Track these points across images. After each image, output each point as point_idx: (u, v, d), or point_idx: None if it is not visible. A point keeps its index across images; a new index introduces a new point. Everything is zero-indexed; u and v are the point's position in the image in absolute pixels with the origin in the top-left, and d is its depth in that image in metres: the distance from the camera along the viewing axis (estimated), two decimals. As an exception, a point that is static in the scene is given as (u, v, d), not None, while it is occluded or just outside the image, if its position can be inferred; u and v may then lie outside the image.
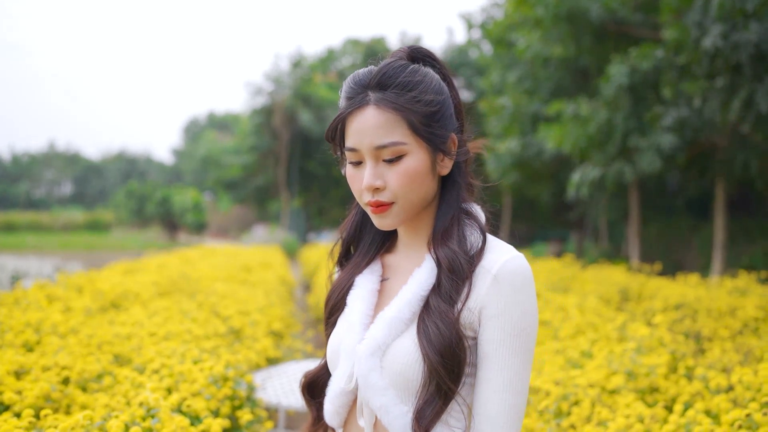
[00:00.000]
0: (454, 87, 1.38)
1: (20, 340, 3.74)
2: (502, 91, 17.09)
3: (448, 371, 1.19)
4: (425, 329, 1.21)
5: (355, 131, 1.27)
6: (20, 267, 12.78)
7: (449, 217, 1.31)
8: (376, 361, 1.25)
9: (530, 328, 1.22)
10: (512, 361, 1.20)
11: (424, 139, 1.26)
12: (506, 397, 1.18)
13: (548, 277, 8.59)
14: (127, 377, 3.11)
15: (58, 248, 27.38)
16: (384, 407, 1.23)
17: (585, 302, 5.62)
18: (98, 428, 2.19)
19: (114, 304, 5.62)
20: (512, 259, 1.25)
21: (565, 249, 20.01)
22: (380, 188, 1.26)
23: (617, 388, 3.36)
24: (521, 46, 13.64)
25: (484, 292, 1.22)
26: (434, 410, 1.20)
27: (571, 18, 12.12)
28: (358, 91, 1.28)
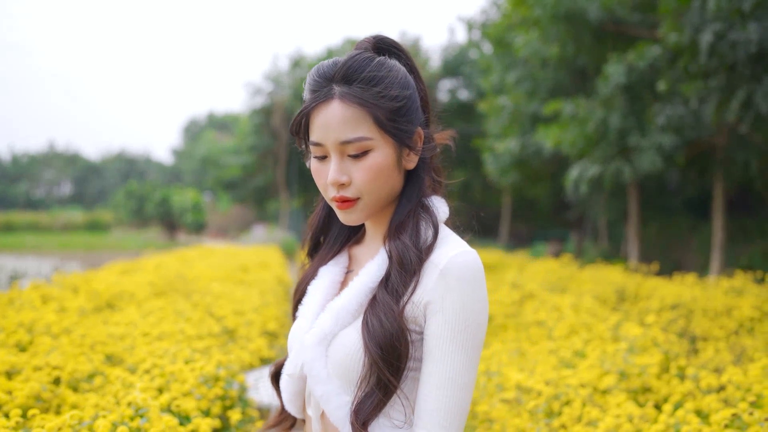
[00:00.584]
0: (421, 79, 1.37)
1: (13, 340, 3.74)
2: (501, 91, 17.10)
3: (388, 364, 1.18)
4: (368, 321, 1.21)
5: (320, 126, 1.25)
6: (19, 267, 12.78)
7: (406, 210, 1.30)
8: (321, 350, 1.25)
9: (476, 324, 1.20)
10: (455, 357, 1.17)
11: (390, 135, 1.25)
12: (447, 393, 1.16)
13: (545, 277, 8.60)
14: (118, 377, 3.12)
15: (57, 248, 27.38)
16: (326, 396, 1.24)
17: (580, 302, 5.63)
18: (85, 428, 2.19)
19: (109, 304, 5.62)
20: (461, 254, 1.22)
21: (565, 249, 20.00)
22: (345, 184, 1.25)
23: (609, 388, 3.36)
24: (519, 44, 13.64)
25: (430, 286, 1.20)
26: (373, 403, 1.20)
27: (569, 18, 12.12)
28: (322, 85, 1.26)
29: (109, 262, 10.51)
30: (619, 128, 10.65)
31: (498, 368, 3.87)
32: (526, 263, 11.75)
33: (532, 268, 10.16)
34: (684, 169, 13.20)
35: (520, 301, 6.22)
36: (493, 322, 5.43)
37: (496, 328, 5.35)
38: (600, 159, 11.11)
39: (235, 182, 33.24)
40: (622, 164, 10.80)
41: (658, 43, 10.28)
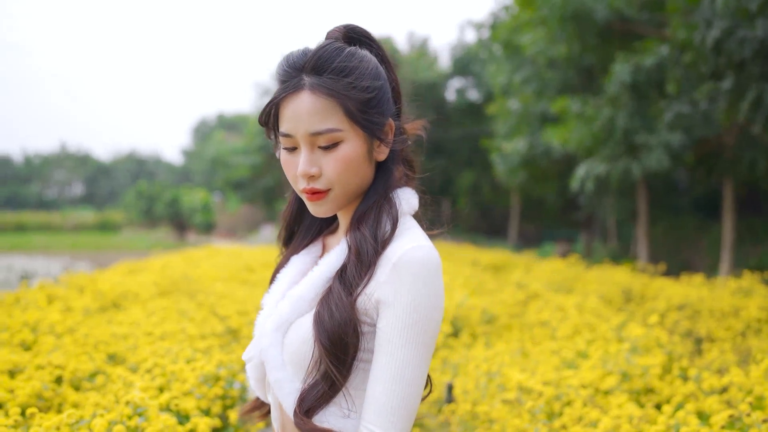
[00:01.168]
0: (393, 69, 1.36)
1: (17, 339, 3.77)
2: (510, 92, 17.08)
3: (335, 356, 1.18)
4: (320, 312, 1.21)
5: (290, 117, 1.23)
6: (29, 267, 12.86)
7: (371, 202, 1.28)
8: (278, 337, 1.25)
9: (427, 320, 1.17)
10: (404, 352, 1.15)
11: (361, 126, 1.24)
12: (394, 387, 1.14)
13: (551, 277, 8.57)
14: (120, 376, 3.13)
15: (67, 248, 27.53)
16: (279, 382, 1.24)
17: (585, 303, 5.61)
18: (83, 427, 2.20)
19: (114, 304, 5.65)
20: (415, 248, 1.19)
21: (574, 249, 19.93)
22: (315, 175, 1.24)
23: (611, 389, 3.35)
24: (526, 43, 13.61)
25: (383, 279, 1.18)
26: (319, 393, 1.19)
27: (576, 18, 12.09)
28: (292, 75, 1.24)
29: (117, 262, 10.56)
30: (626, 127, 10.61)
31: (500, 368, 3.86)
32: (533, 263, 11.71)
33: (538, 269, 10.13)
34: (693, 169, 13.13)
35: (525, 302, 6.21)
36: (497, 322, 5.42)
37: (500, 328, 5.34)
38: (607, 157, 11.07)
39: (244, 182, 33.31)
40: (630, 162, 10.76)
41: (665, 42, 10.23)
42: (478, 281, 7.61)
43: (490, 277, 8.66)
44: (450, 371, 4.39)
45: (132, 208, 39.09)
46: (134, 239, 35.61)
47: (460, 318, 5.51)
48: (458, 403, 3.43)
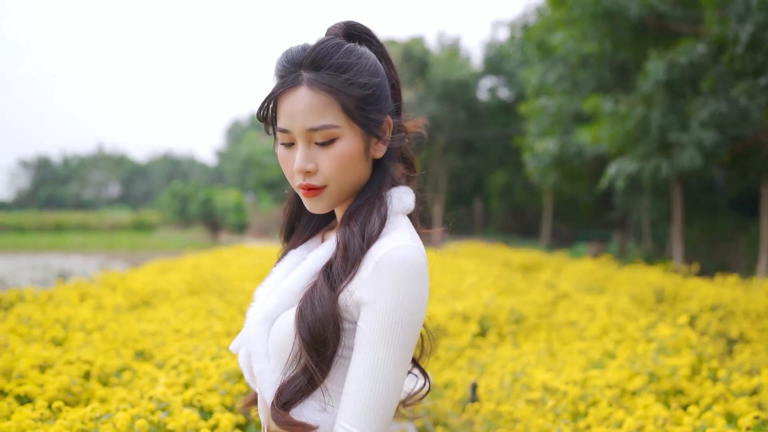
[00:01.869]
0: (393, 66, 1.35)
1: (49, 335, 3.85)
2: (542, 92, 16.94)
3: (314, 349, 1.18)
4: (302, 306, 1.20)
5: (287, 112, 1.23)
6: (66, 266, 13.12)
7: (364, 199, 1.28)
8: (264, 329, 1.26)
9: (406, 320, 1.16)
10: (382, 352, 1.14)
11: (358, 123, 1.24)
12: (369, 386, 1.14)
13: (582, 277, 8.48)
14: (146, 373, 3.18)
15: (103, 248, 28.05)
16: (262, 374, 1.24)
17: (615, 303, 5.53)
18: (106, 421, 2.24)
19: (145, 302, 5.74)
20: (398, 248, 1.18)
21: (607, 250, 19.67)
22: (312, 171, 1.24)
23: (638, 390, 3.30)
24: (557, 42, 13.49)
25: (365, 277, 1.18)
26: (297, 387, 1.19)
27: (608, 16, 11.94)
28: (290, 70, 1.24)
29: (150, 261, 10.73)
30: (660, 125, 10.44)
31: (526, 368, 3.83)
32: (565, 264, 11.59)
33: (569, 269, 10.02)
34: (728, 167, 12.87)
35: (554, 302, 6.15)
36: (525, 322, 5.38)
37: (528, 328, 5.30)
38: (639, 156, 10.91)
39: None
40: (661, 161, 10.58)
41: (700, 39, 10.05)
42: (508, 281, 7.56)
43: (519, 277, 8.60)
44: (476, 371, 4.37)
45: (166, 209, 39.62)
46: (168, 239, 36.12)
47: (487, 318, 5.48)
48: (482, 403, 3.41)
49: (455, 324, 5.42)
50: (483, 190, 33.26)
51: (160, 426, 2.34)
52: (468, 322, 5.47)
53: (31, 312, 4.31)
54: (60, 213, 53.01)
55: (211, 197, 37.04)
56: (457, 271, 9.03)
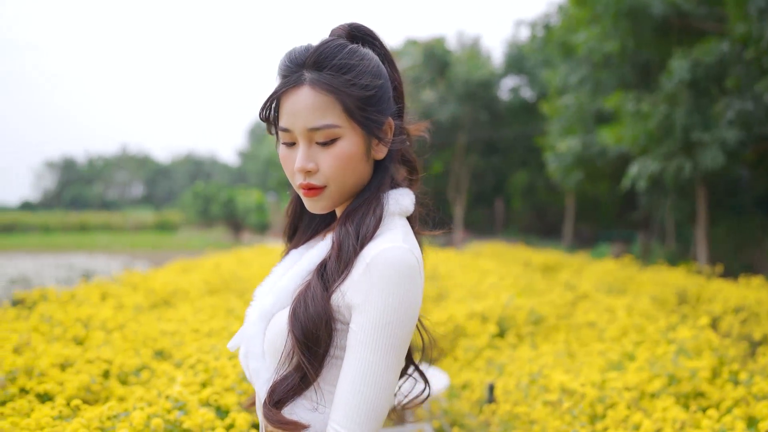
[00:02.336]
0: (396, 69, 1.35)
1: (70, 334, 3.90)
2: (564, 91, 16.82)
3: (307, 349, 1.17)
4: (296, 304, 1.20)
5: (289, 111, 1.24)
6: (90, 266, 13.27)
7: (362, 199, 1.28)
8: (261, 328, 1.26)
9: (397, 322, 1.15)
10: (372, 354, 1.14)
11: (359, 124, 1.24)
12: (359, 388, 1.14)
13: (603, 278, 8.40)
14: (165, 372, 3.21)
15: (127, 248, 28.36)
16: (257, 372, 1.25)
17: (635, 304, 5.47)
18: (122, 419, 2.26)
19: (165, 302, 5.79)
20: (389, 250, 1.17)
21: (630, 250, 19.47)
22: (312, 171, 1.24)
23: (657, 392, 3.26)
24: (579, 41, 13.39)
25: (356, 279, 1.18)
26: (290, 385, 1.19)
27: (631, 14, 11.83)
28: (293, 70, 1.24)
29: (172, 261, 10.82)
30: (684, 124, 10.31)
31: (543, 369, 3.81)
32: (586, 264, 11.49)
33: (591, 270, 9.94)
34: (754, 166, 12.66)
35: (573, 303, 6.10)
36: (544, 323, 5.34)
37: (547, 329, 5.26)
38: (661, 156, 10.78)
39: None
40: (684, 161, 10.45)
41: (725, 37, 9.91)
42: (528, 281, 7.52)
43: (539, 278, 8.54)
44: (494, 371, 4.35)
45: (189, 209, 39.94)
46: (191, 239, 36.42)
47: (506, 318, 5.45)
48: (499, 404, 3.40)
49: (474, 324, 5.40)
50: (505, 190, 33.11)
51: (176, 425, 2.36)
52: (487, 322, 5.45)
53: (54, 311, 4.37)
54: (85, 213, 53.69)
55: (233, 197, 37.28)
56: (477, 271, 8.99)
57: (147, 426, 2.22)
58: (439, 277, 8.32)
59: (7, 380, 2.96)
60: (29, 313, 4.57)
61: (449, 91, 28.30)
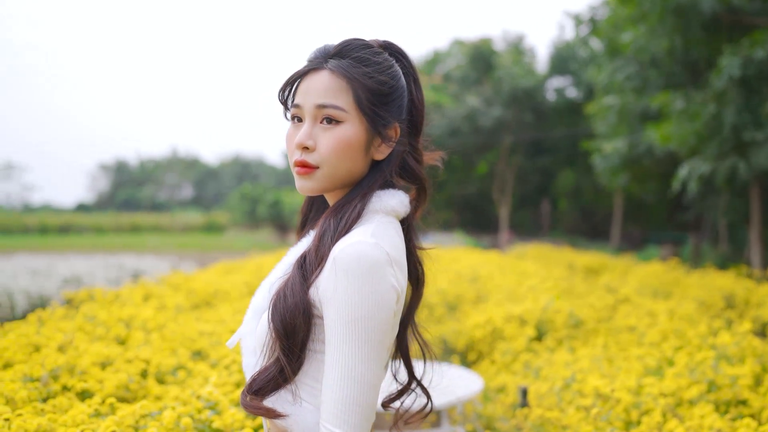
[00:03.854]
0: (420, 88, 1.37)
1: (112, 334, 4.01)
2: (610, 90, 16.54)
3: (285, 338, 1.19)
4: (276, 296, 1.22)
5: (304, 90, 1.29)
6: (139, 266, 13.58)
7: (353, 196, 1.29)
8: (253, 325, 1.29)
9: (366, 317, 1.15)
10: (346, 349, 1.15)
11: (365, 115, 1.27)
12: (341, 384, 1.15)
13: (648, 281, 8.22)
14: (201, 372, 3.27)
15: (175, 248, 28.94)
16: (249, 367, 1.27)
17: (677, 308, 5.35)
18: (154, 418, 2.32)
19: (206, 302, 5.90)
20: (353, 245, 1.17)
21: (680, 253, 19.00)
22: (310, 148, 1.26)
23: (696, 399, 3.18)
24: (625, 41, 13.14)
25: (325, 274, 1.19)
26: (269, 376, 1.20)
27: (679, 11, 11.56)
28: (318, 59, 1.30)
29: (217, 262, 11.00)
30: (734, 123, 10.02)
31: (579, 374, 3.76)
32: (631, 267, 11.27)
33: (636, 272, 9.74)
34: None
35: (614, 306, 5.99)
36: (583, 326, 5.26)
37: (586, 332, 5.18)
38: (712, 156, 10.50)
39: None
40: (737, 161, 10.16)
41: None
42: (568, 284, 7.41)
43: (581, 281, 8.41)
44: (531, 375, 4.32)
45: (236, 210, 40.52)
46: (237, 240, 36.94)
47: (545, 322, 5.40)
48: (531, 408, 3.37)
49: (512, 327, 5.36)
50: (551, 191, 32.72)
51: (206, 424, 2.41)
52: (525, 325, 5.40)
53: (98, 311, 4.49)
54: (136, 214, 55.00)
55: (279, 199, 37.68)
56: (518, 273, 8.91)
57: (177, 425, 2.28)
58: (479, 279, 8.26)
59: (50, 378, 3.06)
60: (76, 312, 4.71)
61: (495, 95, 28.09)
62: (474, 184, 33.30)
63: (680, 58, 13.10)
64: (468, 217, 35.68)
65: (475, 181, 33.13)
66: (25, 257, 15.17)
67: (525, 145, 30.58)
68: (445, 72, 32.09)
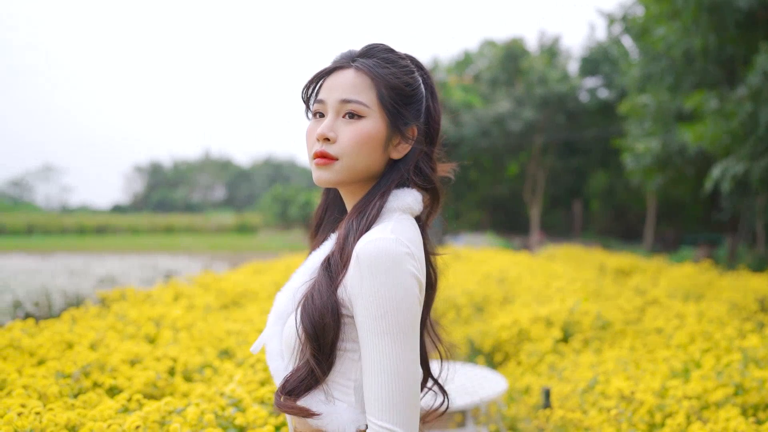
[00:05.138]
0: (437, 100, 1.41)
1: (143, 332, 4.10)
2: (643, 89, 16.31)
3: (315, 339, 1.21)
4: (305, 299, 1.25)
5: (329, 86, 1.34)
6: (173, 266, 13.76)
7: (372, 196, 1.33)
8: (278, 329, 1.32)
9: (395, 309, 1.18)
10: (380, 344, 1.18)
11: (386, 111, 1.32)
12: (381, 379, 1.17)
13: (680, 283, 8.11)
14: (227, 370, 3.33)
15: (208, 249, 29.30)
16: (276, 371, 1.30)
17: (708, 310, 5.27)
18: (178, 414, 2.38)
19: (234, 302, 5.98)
20: (373, 241, 1.21)
21: (716, 254, 18.67)
22: (331, 140, 1.30)
23: (721, 402, 3.15)
24: (658, 37, 12.96)
25: (351, 272, 1.22)
26: (302, 377, 1.23)
27: (713, 8, 11.37)
28: (345, 59, 1.36)
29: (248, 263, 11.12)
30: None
31: (604, 375, 3.74)
32: (663, 268, 11.11)
33: (668, 274, 9.61)
34: None
35: (642, 308, 5.93)
36: (611, 328, 5.22)
37: (613, 334, 5.14)
38: (746, 155, 10.31)
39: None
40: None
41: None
42: (597, 286, 7.35)
43: (610, 282, 8.33)
44: (556, 377, 4.30)
45: (268, 211, 40.89)
46: (269, 241, 37.25)
47: (571, 323, 5.37)
48: (553, 409, 3.36)
49: (538, 329, 5.34)
50: (583, 192, 32.38)
51: (228, 421, 2.46)
52: (551, 327, 5.38)
53: (129, 310, 4.60)
54: (170, 215, 55.79)
55: (310, 200, 37.91)
56: (546, 275, 8.86)
57: (200, 421, 2.33)
58: (507, 280, 8.24)
59: (82, 374, 3.15)
60: (108, 311, 4.82)
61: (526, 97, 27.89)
62: (505, 184, 33.12)
63: (714, 57, 12.88)
64: (499, 218, 35.51)
65: (506, 181, 32.96)
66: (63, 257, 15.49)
67: (557, 146, 30.33)
68: (476, 73, 31.98)
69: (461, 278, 8.44)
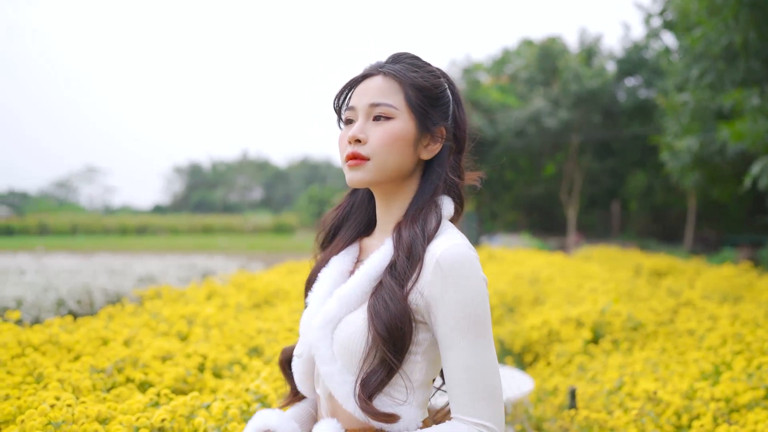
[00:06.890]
0: (463, 110, 1.46)
1: (175, 330, 4.20)
2: (683, 87, 16.02)
3: (391, 344, 1.25)
4: (375, 304, 1.28)
5: (358, 92, 1.41)
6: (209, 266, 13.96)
7: (422, 201, 1.39)
8: (327, 333, 1.33)
9: (476, 311, 1.25)
10: (464, 344, 1.24)
11: (415, 112, 1.37)
12: (471, 377, 1.23)
13: (717, 285, 7.96)
14: (255, 367, 3.40)
15: (245, 249, 29.65)
16: (330, 375, 1.31)
17: (743, 312, 5.18)
18: (204, 409, 2.44)
19: (266, 301, 6.07)
20: (452, 246, 1.27)
21: (758, 256, 18.23)
22: (362, 141, 1.36)
23: (750, 404, 3.11)
24: (696, 35, 12.73)
25: (428, 278, 1.27)
26: (378, 380, 1.27)
27: (754, 4, 11.12)
28: (373, 67, 1.43)
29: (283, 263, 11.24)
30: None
31: (632, 377, 3.71)
32: (702, 270, 10.91)
33: (706, 276, 9.43)
34: None
35: (675, 309, 5.85)
36: (642, 329, 5.17)
37: (644, 336, 5.08)
38: (789, 153, 10.06)
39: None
40: (815, 159, 9.71)
41: None
42: (630, 287, 7.26)
43: (644, 284, 8.22)
44: (584, 378, 4.28)
45: (304, 212, 41.23)
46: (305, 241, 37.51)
47: (602, 324, 5.33)
48: (579, 410, 3.35)
49: (568, 329, 5.31)
50: (621, 192, 31.89)
51: (252, 415, 2.52)
52: (581, 328, 5.35)
53: (163, 308, 4.71)
54: (208, 216, 56.58)
55: (346, 201, 38.10)
56: (579, 275, 8.78)
57: (225, 416, 2.39)
58: (539, 281, 8.19)
59: (115, 369, 3.25)
60: (143, 309, 4.95)
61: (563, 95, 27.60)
62: (541, 185, 32.80)
63: (756, 53, 12.60)
64: (536, 218, 35.19)
65: (542, 182, 32.65)
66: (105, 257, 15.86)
67: (594, 146, 29.93)
68: (513, 72, 31.74)
69: (493, 279, 8.42)
